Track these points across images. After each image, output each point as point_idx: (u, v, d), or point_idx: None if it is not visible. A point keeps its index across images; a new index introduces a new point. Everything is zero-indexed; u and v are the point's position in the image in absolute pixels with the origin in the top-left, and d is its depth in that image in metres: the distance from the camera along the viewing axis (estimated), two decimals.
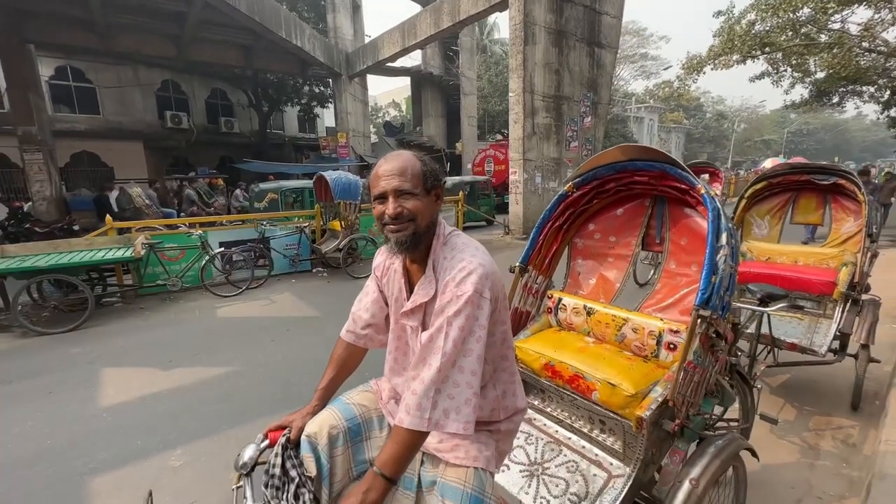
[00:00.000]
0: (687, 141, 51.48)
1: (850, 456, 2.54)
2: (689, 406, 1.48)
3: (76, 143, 16.35)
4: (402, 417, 0.96)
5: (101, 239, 5.89)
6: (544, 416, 1.84)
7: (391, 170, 1.04)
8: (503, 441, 1.17)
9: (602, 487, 1.51)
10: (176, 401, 3.39)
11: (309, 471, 1.07)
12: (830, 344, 2.80)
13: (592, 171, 1.94)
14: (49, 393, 3.54)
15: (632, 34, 43.06)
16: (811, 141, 58.42)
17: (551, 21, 10.13)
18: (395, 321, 1.20)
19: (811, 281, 3.00)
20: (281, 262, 7.19)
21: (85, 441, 2.88)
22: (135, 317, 5.50)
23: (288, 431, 1.14)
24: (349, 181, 7.02)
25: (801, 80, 15.77)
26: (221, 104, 20.52)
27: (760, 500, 2.21)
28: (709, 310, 1.40)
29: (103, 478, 2.52)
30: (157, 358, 4.17)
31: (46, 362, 4.14)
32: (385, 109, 38.16)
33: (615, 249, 2.11)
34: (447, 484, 1.03)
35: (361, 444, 1.16)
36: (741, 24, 13.83)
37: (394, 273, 1.19)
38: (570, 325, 1.99)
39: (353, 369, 1.33)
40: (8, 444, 2.86)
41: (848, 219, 3.27)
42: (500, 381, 1.16)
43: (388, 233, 1.06)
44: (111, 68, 16.93)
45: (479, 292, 0.99)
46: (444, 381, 0.96)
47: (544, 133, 10.59)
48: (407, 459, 0.97)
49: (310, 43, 15.51)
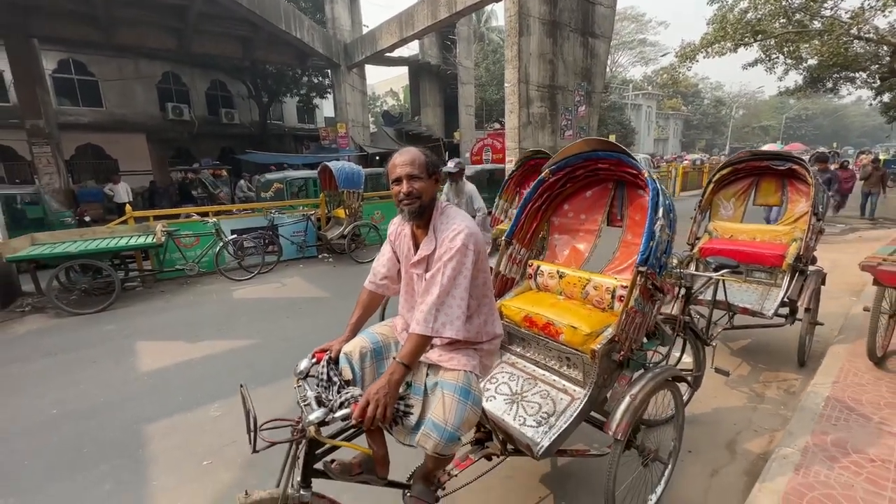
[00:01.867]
0: (685, 128, 51.58)
1: (788, 401, 2.99)
2: (633, 342, 1.91)
3: (81, 136, 16.64)
4: (414, 327, 1.39)
5: (121, 227, 6.30)
6: (524, 360, 2.28)
7: (404, 161, 1.46)
8: (486, 357, 1.61)
9: (566, 406, 1.95)
10: (207, 367, 3.84)
11: (346, 377, 1.51)
12: (777, 309, 3.23)
13: (564, 160, 2.35)
14: (93, 362, 3.99)
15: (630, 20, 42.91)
16: (809, 126, 58.49)
17: (545, 12, 10.40)
18: (406, 271, 1.63)
19: (764, 255, 3.43)
20: (289, 249, 7.61)
21: (133, 398, 3.33)
22: (156, 299, 5.93)
23: (330, 352, 1.58)
24: (353, 171, 7.40)
25: (794, 66, 15.99)
26: (221, 95, 20.74)
27: (707, 433, 2.67)
28: (646, 267, 1.82)
29: (155, 425, 2.97)
30: (184, 333, 4.61)
31: (85, 338, 4.59)
32: (383, 98, 38.23)
33: (585, 225, 2.53)
34: (445, 381, 1.46)
35: (383, 360, 1.59)
36: (734, 12, 14.05)
37: (404, 237, 1.62)
38: (546, 287, 2.41)
39: (374, 311, 1.76)
40: (66, 401, 3.31)
41: (801, 200, 3.69)
42: (482, 313, 1.59)
43: (402, 206, 1.48)
44: (113, 61, 17.13)
45: (466, 245, 1.42)
46: (442, 304, 1.39)
47: (539, 122, 10.93)
48: (417, 354, 1.40)
49: (309, 34, 15.71)
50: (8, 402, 3.33)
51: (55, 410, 3.19)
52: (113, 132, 17.25)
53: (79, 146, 16.76)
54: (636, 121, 38.36)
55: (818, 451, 2.11)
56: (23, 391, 3.49)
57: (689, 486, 2.25)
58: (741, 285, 3.58)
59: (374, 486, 1.57)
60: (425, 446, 1.37)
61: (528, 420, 1.94)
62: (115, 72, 17.36)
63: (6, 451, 2.72)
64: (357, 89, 18.59)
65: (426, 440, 1.37)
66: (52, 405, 3.26)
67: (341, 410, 1.26)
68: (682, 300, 2.75)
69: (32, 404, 3.28)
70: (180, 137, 19.17)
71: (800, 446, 2.15)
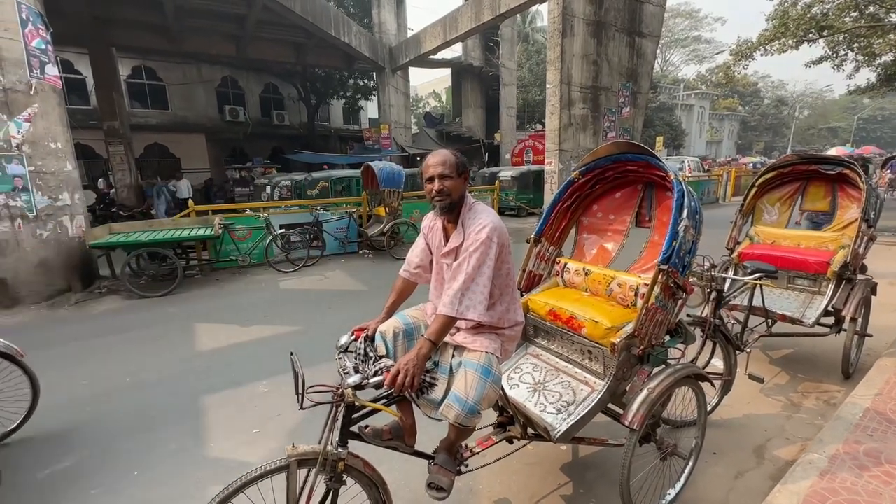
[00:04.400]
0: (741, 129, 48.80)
1: (826, 412, 2.90)
2: (653, 338, 1.97)
3: (149, 136, 18.16)
4: (441, 308, 1.55)
5: (184, 220, 6.89)
6: (549, 352, 2.38)
7: (436, 161, 1.63)
8: (507, 342, 1.74)
9: (585, 396, 2.04)
10: (256, 348, 4.19)
11: (380, 352, 1.69)
12: (819, 317, 3.13)
13: (594, 162, 2.43)
14: (159, 340, 4.44)
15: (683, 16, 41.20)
16: (886, 128, 53.58)
17: (590, 12, 10.28)
18: (436, 262, 1.79)
19: (808, 261, 3.32)
20: (332, 244, 8.01)
21: (192, 373, 3.71)
22: (212, 286, 6.46)
23: (367, 330, 1.77)
24: (394, 170, 7.69)
25: (866, 63, 14.83)
26: (273, 98, 21.92)
27: (734, 437, 2.66)
28: (668, 265, 1.89)
29: (212, 396, 3.31)
30: (236, 317, 5.02)
31: (151, 318, 5.10)
32: (425, 100, 38.82)
33: (613, 225, 2.59)
34: (468, 360, 1.61)
35: (413, 340, 1.76)
36: (797, 6, 13.23)
37: (436, 230, 1.79)
38: (572, 283, 2.50)
39: (407, 296, 1.95)
40: (137, 372, 3.73)
41: (851, 206, 3.53)
42: (505, 301, 1.72)
43: (434, 202, 1.64)
44: (178, 67, 18.56)
45: (490, 238, 1.56)
46: (467, 289, 1.54)
47: (581, 124, 10.81)
48: (443, 333, 1.55)
49: (356, 39, 16.31)
50: (91, 370, 3.80)
51: (128, 379, 3.61)
52: (176, 133, 18.69)
53: (147, 145, 18.28)
54: (687, 122, 36.77)
55: (847, 459, 2.07)
56: (102, 362, 3.96)
57: (711, 485, 2.27)
58: (781, 292, 3.48)
59: (403, 457, 1.74)
60: (448, 416, 1.53)
61: (548, 407, 2.05)
62: (181, 76, 18.78)
63: (88, 413, 3.13)
64: (400, 91, 19.06)
65: (449, 410, 1.53)
66: (125, 375, 3.69)
67: (375, 378, 1.44)
68: (713, 303, 2.74)
69: (111, 373, 3.73)
70: (235, 137, 20.44)
71: (828, 453, 2.12)
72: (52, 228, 5.72)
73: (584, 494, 2.23)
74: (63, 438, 2.82)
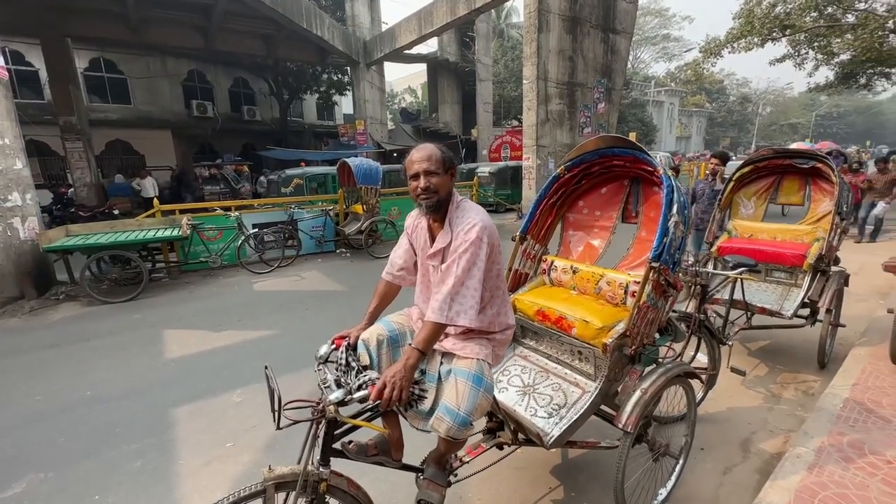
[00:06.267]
0: (709, 125, 50.33)
1: (806, 402, 2.95)
2: (644, 337, 1.93)
3: (110, 132, 17.25)
4: (429, 315, 1.44)
5: (149, 220, 6.53)
6: (537, 353, 2.31)
7: (421, 156, 1.51)
8: (498, 347, 1.65)
9: (577, 399, 1.98)
10: (229, 355, 3.98)
11: (363, 362, 1.57)
12: (797, 309, 3.18)
13: (580, 157, 2.36)
14: (123, 349, 4.17)
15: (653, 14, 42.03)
16: (841, 124, 56.35)
17: (565, 8, 10.31)
18: (422, 263, 1.68)
19: (785, 254, 3.37)
20: (308, 243, 7.77)
21: (160, 383, 3.49)
22: (181, 290, 6.15)
23: (349, 338, 1.65)
24: (370, 167, 7.51)
25: (825, 62, 15.43)
26: (244, 93, 21.20)
27: (720, 431, 2.67)
28: (659, 263, 1.84)
29: (181, 409, 3.11)
30: (207, 322, 4.78)
31: (114, 325, 4.80)
32: (401, 95, 38.39)
33: (600, 221, 2.54)
34: (458, 368, 1.51)
35: (399, 347, 1.65)
36: (762, 5, 13.63)
37: (421, 229, 1.67)
38: (559, 282, 2.44)
39: (390, 300, 1.82)
40: (99, 384, 3.49)
41: (824, 199, 3.61)
42: (495, 304, 1.63)
43: (420, 200, 1.53)
44: (141, 59, 17.68)
45: (480, 238, 1.46)
46: (456, 293, 1.44)
47: (557, 119, 10.85)
48: (432, 341, 1.45)
49: (329, 32, 15.91)
50: (47, 383, 3.53)
51: (89, 392, 3.36)
52: (140, 128, 17.82)
53: (108, 142, 17.38)
54: (658, 118, 37.63)
55: (833, 452, 2.09)
56: (60, 374, 3.68)
57: (700, 482, 2.25)
58: (760, 285, 3.53)
59: (389, 469, 1.64)
60: (438, 430, 1.43)
61: (539, 411, 1.98)
62: (143, 70, 17.91)
63: (46, 429, 2.89)
64: (375, 86, 18.74)
65: (439, 423, 1.43)
66: (87, 388, 3.43)
67: (360, 392, 1.33)
68: (698, 298, 2.74)
69: (69, 386, 3.46)
70: (204, 134, 19.68)
71: (814, 446, 2.13)
72: (1, 231, 5.31)
73: (576, 498, 2.18)
74: (13, 462, 2.58)
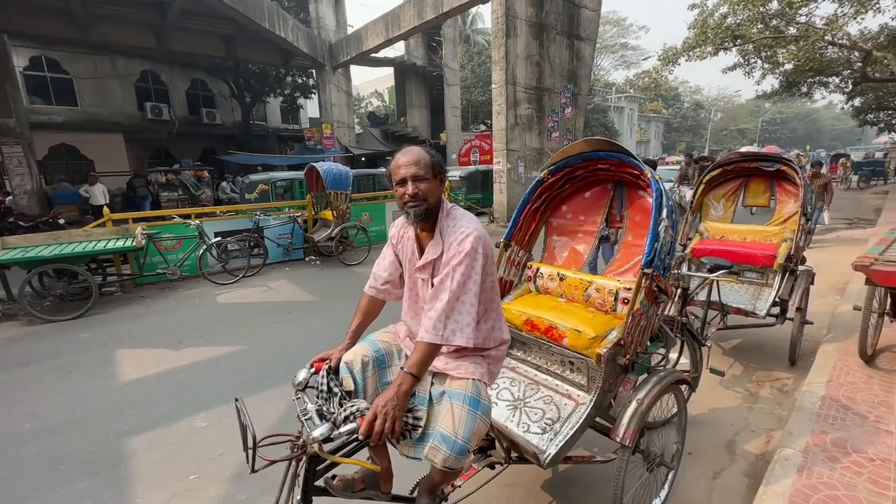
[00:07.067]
0: (666, 130, 52.55)
1: (782, 400, 3.01)
2: (638, 345, 1.88)
3: (54, 136, 16.08)
4: (423, 335, 1.32)
5: (99, 230, 6.05)
6: (526, 365, 2.22)
7: (409, 161, 1.38)
8: (493, 364, 1.54)
9: (570, 412, 1.90)
10: (191, 375, 3.69)
11: (347, 387, 1.43)
12: (769, 308, 3.26)
13: (563, 160, 2.31)
14: (69, 372, 3.79)
15: (612, 24, 43.54)
16: (784, 130, 60.21)
17: (532, 14, 10.44)
18: (409, 276, 1.55)
19: (756, 255, 3.46)
20: (275, 251, 7.44)
21: (113, 410, 3.17)
22: (136, 304, 5.72)
23: (329, 361, 1.49)
24: (340, 171, 7.28)
25: (771, 71, 16.39)
26: (203, 95, 20.30)
27: (706, 434, 2.66)
28: (651, 269, 1.79)
29: (138, 438, 2.83)
30: (165, 340, 4.44)
31: (59, 346, 4.38)
32: (368, 100, 37.96)
33: (584, 226, 2.49)
34: (453, 390, 1.39)
35: (386, 369, 1.51)
36: (714, 16, 14.33)
37: (407, 240, 1.54)
38: (546, 289, 2.37)
39: (374, 316, 1.68)
40: (40, 415, 3.13)
41: (789, 201, 3.74)
42: (490, 318, 1.53)
43: (408, 208, 1.40)
44: (88, 58, 16.60)
45: (475, 248, 1.35)
46: (451, 310, 1.32)
47: (526, 124, 10.96)
48: (426, 364, 1.33)
49: (293, 33, 15.49)
50: None
51: (28, 425, 3.01)
52: (88, 132, 16.70)
53: (52, 146, 16.20)
54: (619, 123, 38.93)
55: (819, 452, 2.11)
56: None
57: (691, 489, 2.23)
58: (733, 285, 3.60)
59: (377, 502, 1.50)
60: (434, 460, 1.30)
61: (532, 427, 1.88)
62: (91, 69, 16.82)
63: None
64: (342, 90, 18.42)
65: (435, 454, 1.30)
66: (25, 419, 3.08)
67: (347, 425, 1.19)
68: (680, 301, 2.74)
69: (5, 418, 3.10)
70: (159, 137, 18.69)
71: (800, 447, 2.15)
72: None
73: None
74: None
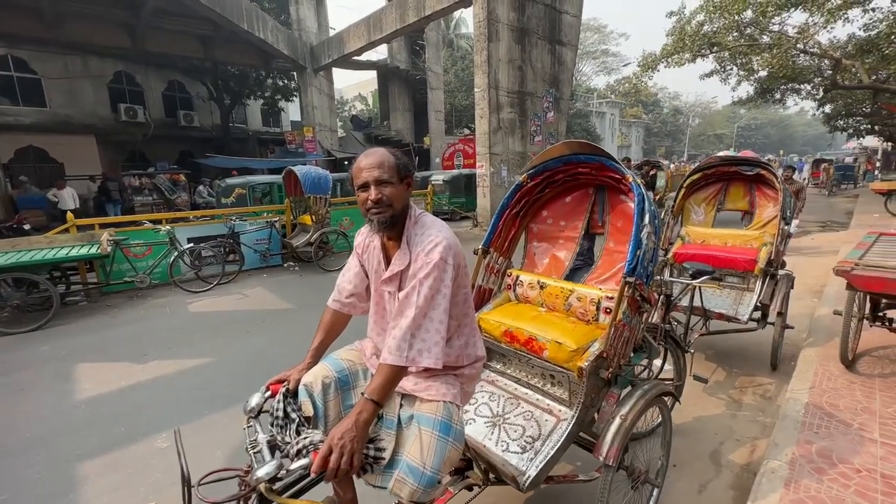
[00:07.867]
0: (646, 135, 53.53)
1: (765, 407, 2.97)
2: (621, 357, 1.79)
3: (21, 138, 15.44)
4: (386, 356, 1.20)
5: (62, 236, 5.76)
6: (505, 378, 2.12)
7: (371, 163, 1.26)
8: (467, 383, 1.43)
9: (552, 429, 1.80)
10: (155, 391, 3.48)
11: (306, 413, 1.30)
12: (751, 313, 3.23)
13: (543, 164, 2.22)
14: (21, 390, 3.55)
15: (592, 31, 44.26)
16: (759, 135, 61.98)
17: (514, 19, 10.45)
18: (376, 289, 1.43)
19: (737, 259, 3.43)
20: (252, 257, 7.21)
21: (68, 431, 2.95)
22: (102, 314, 5.44)
23: (287, 383, 1.36)
24: (319, 175, 7.11)
25: (746, 78, 16.82)
26: (180, 97, 19.80)
27: (690, 445, 2.60)
28: (634, 277, 1.71)
29: (93, 461, 2.63)
30: (130, 352, 4.21)
31: (14, 361, 4.10)
32: (351, 103, 37.64)
33: (565, 232, 2.41)
34: (422, 415, 1.28)
35: (350, 391, 1.39)
36: (691, 24, 14.62)
37: (373, 249, 1.42)
38: (526, 298, 2.27)
39: (338, 333, 1.56)
40: None
41: (769, 205, 3.74)
42: (463, 334, 1.42)
43: (371, 215, 1.28)
44: (58, 58, 15.99)
45: (445, 259, 1.24)
46: (418, 327, 1.21)
47: (509, 128, 10.94)
48: (389, 389, 1.21)
49: (273, 35, 15.23)
50: None
51: None
52: (58, 134, 16.07)
53: (19, 149, 15.53)
54: (600, 128, 39.48)
55: (805, 463, 2.05)
56: None
57: (678, 503, 2.15)
58: (715, 291, 3.58)
59: None
60: (400, 494, 1.18)
61: (511, 445, 1.78)
62: (61, 69, 16.21)
63: None
64: (324, 93, 18.19)
65: (401, 487, 1.18)
66: None
67: (298, 461, 1.06)
68: (663, 308, 2.68)
69: None
70: (134, 140, 18.12)
71: (786, 459, 2.09)
72: None
73: None
74: None
